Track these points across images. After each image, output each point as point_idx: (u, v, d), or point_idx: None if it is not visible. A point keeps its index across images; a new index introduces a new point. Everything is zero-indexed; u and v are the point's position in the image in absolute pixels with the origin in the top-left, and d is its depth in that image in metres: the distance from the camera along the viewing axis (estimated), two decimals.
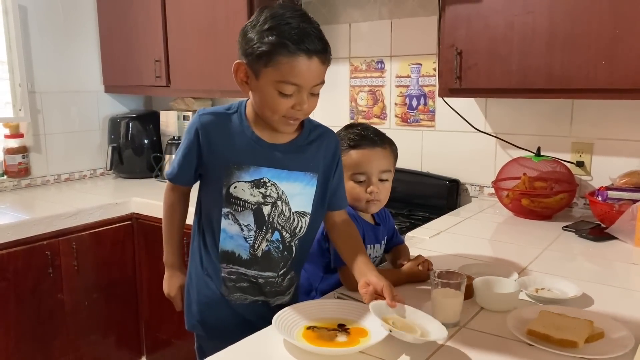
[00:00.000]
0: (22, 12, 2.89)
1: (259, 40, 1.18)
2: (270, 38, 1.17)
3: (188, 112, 3.19)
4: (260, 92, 1.24)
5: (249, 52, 1.21)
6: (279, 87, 1.20)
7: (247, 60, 1.22)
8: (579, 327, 1.14)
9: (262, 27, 1.19)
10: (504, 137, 2.38)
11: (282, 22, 1.18)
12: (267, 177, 1.31)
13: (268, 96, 1.22)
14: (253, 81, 1.24)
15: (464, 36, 2.04)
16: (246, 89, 1.27)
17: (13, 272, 2.30)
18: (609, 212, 1.90)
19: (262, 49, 1.18)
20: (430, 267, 1.50)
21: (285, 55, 1.17)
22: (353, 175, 1.48)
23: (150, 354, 2.86)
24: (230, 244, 1.34)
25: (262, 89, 1.23)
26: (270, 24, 1.18)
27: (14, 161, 2.90)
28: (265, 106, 1.25)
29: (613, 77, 1.78)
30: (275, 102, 1.22)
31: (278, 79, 1.19)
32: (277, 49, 1.17)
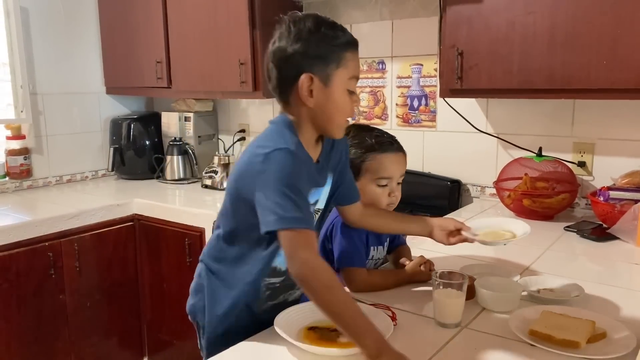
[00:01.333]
0: (23, 14, 2.89)
1: (324, 46, 1.19)
2: (334, 41, 1.19)
3: (189, 113, 3.19)
4: (331, 98, 1.22)
5: (315, 61, 1.19)
6: (349, 85, 1.22)
7: (314, 70, 1.19)
8: (581, 328, 1.14)
9: (317, 34, 1.19)
10: (506, 138, 2.38)
11: (328, 23, 1.20)
12: (320, 197, 1.32)
13: (340, 99, 1.22)
14: (320, 91, 1.20)
15: (465, 36, 2.04)
16: (311, 102, 1.22)
17: (15, 274, 2.31)
18: (611, 212, 1.90)
19: (331, 52, 1.19)
20: (432, 268, 1.50)
21: (350, 51, 1.21)
22: (377, 180, 1.47)
23: (152, 354, 2.86)
24: (277, 260, 1.31)
25: (333, 94, 1.21)
26: (324, 30, 1.19)
27: (15, 162, 2.90)
28: (336, 112, 1.24)
29: (614, 77, 1.78)
30: (346, 103, 1.23)
31: (349, 76, 1.22)
32: (342, 48, 1.20)
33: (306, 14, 1.23)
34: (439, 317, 1.25)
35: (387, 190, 1.49)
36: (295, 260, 1.10)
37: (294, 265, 1.10)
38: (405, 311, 1.32)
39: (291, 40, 1.19)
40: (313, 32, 1.19)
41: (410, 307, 1.34)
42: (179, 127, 3.21)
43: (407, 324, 1.25)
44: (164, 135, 3.31)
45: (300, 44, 1.19)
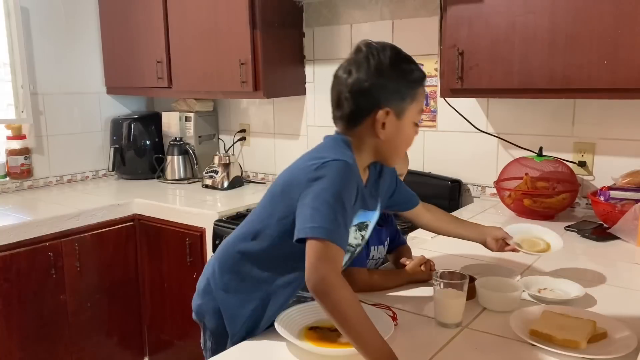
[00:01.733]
0: (24, 14, 2.89)
1: (403, 81, 1.22)
2: (413, 76, 1.23)
3: (190, 113, 3.19)
4: (402, 131, 1.25)
5: (393, 96, 1.21)
6: (417, 117, 1.27)
7: (392, 105, 1.21)
8: (582, 328, 1.14)
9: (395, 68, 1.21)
10: (506, 137, 2.38)
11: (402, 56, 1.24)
12: (369, 220, 1.32)
13: (409, 131, 1.26)
14: (393, 124, 1.22)
15: (466, 36, 2.04)
16: (382, 135, 1.23)
17: (16, 273, 2.31)
18: (612, 212, 1.90)
19: (408, 88, 1.22)
20: (433, 268, 1.50)
21: (423, 86, 1.26)
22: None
23: (152, 354, 2.86)
24: None
25: (404, 127, 1.24)
26: (405, 64, 1.23)
27: (16, 162, 2.90)
28: (402, 144, 1.29)
29: (615, 76, 1.78)
30: (412, 134, 1.28)
31: (418, 110, 1.26)
32: (420, 83, 1.24)
33: (383, 44, 1.24)
34: (439, 317, 1.25)
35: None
36: (314, 272, 1.07)
37: (311, 278, 1.07)
38: (405, 311, 1.32)
39: (370, 73, 1.20)
40: (392, 67, 1.21)
41: (410, 307, 1.35)
42: (180, 127, 3.22)
43: (407, 324, 1.25)
44: (164, 135, 3.31)
45: (379, 77, 1.20)
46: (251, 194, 2.87)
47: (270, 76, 2.65)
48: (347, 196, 1.15)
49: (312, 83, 2.90)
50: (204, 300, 1.37)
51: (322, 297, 1.06)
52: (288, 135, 3.01)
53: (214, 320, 1.34)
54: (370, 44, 1.24)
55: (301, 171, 1.20)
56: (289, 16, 2.78)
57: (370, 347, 1.03)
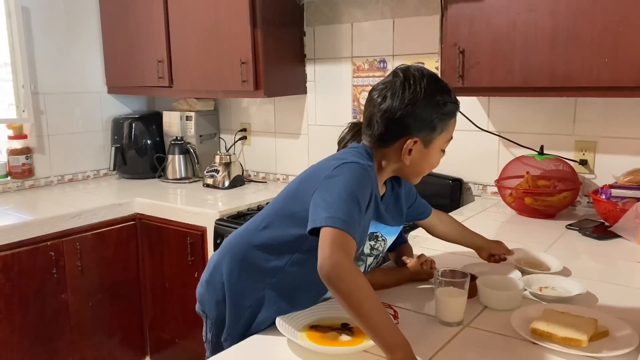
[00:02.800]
0: (24, 14, 2.89)
1: (436, 114, 1.23)
2: (447, 108, 1.24)
3: (191, 113, 3.20)
4: (426, 157, 1.29)
5: (424, 127, 1.24)
6: (445, 146, 1.30)
7: (420, 135, 1.24)
8: (583, 326, 1.14)
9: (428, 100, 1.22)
10: (507, 136, 2.38)
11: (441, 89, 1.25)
12: (381, 232, 1.35)
13: (434, 159, 1.31)
14: (420, 151, 1.26)
15: (467, 35, 2.04)
16: (407, 161, 1.27)
17: (17, 273, 2.31)
18: (613, 211, 1.90)
19: (440, 121, 1.24)
20: (433, 266, 1.50)
21: (453, 117, 1.28)
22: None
23: (154, 354, 2.87)
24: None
25: (430, 155, 1.29)
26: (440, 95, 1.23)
27: (17, 162, 2.90)
28: (427, 168, 1.32)
29: (616, 75, 1.77)
30: (437, 161, 1.32)
31: (446, 140, 1.29)
32: (452, 116, 1.27)
33: (422, 72, 1.25)
34: (440, 316, 1.25)
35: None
36: (329, 258, 1.05)
37: (325, 263, 1.05)
38: (407, 310, 1.32)
39: (404, 103, 1.22)
40: (427, 98, 1.22)
41: (412, 306, 1.35)
42: (181, 126, 3.22)
43: (409, 323, 1.25)
44: (165, 134, 3.31)
45: (412, 107, 1.22)
46: (252, 193, 2.87)
47: (271, 75, 2.65)
48: (362, 196, 1.16)
49: (313, 82, 2.90)
50: (207, 290, 1.39)
51: (337, 282, 1.04)
52: (289, 134, 3.01)
53: (215, 311, 1.36)
54: (408, 70, 1.25)
55: (321, 170, 1.23)
56: (290, 15, 2.78)
57: (386, 333, 1.02)
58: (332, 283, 1.04)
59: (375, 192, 1.25)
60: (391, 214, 1.37)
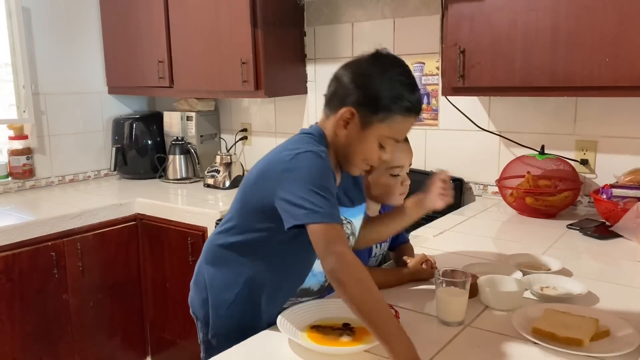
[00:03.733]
0: (25, 14, 2.90)
1: (382, 95, 1.19)
2: (394, 97, 1.19)
3: (191, 113, 3.20)
4: (361, 141, 1.24)
5: (365, 103, 1.20)
6: (384, 141, 1.24)
7: (359, 110, 1.21)
8: (585, 325, 1.14)
9: (382, 81, 1.20)
10: (508, 136, 2.37)
11: (403, 81, 1.21)
12: (345, 216, 1.32)
13: (368, 147, 1.24)
14: (355, 128, 1.23)
15: (467, 35, 2.03)
16: (342, 133, 1.25)
17: (18, 273, 2.31)
18: (614, 210, 1.89)
19: (383, 105, 1.19)
20: (434, 266, 1.50)
21: (403, 114, 1.21)
22: (391, 169, 1.47)
23: (155, 354, 2.87)
24: (311, 280, 1.34)
25: (364, 139, 1.24)
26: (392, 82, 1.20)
27: (18, 162, 2.91)
28: (359, 153, 1.26)
29: (617, 74, 1.77)
30: (372, 152, 1.25)
31: (387, 135, 1.23)
32: (398, 109, 1.20)
33: (401, 62, 1.24)
34: (441, 316, 1.25)
35: (399, 179, 1.49)
36: (330, 254, 1.06)
37: (329, 260, 1.06)
38: (408, 309, 1.32)
39: (362, 72, 1.22)
40: (386, 79, 1.20)
41: (412, 306, 1.35)
42: (181, 126, 3.22)
43: (410, 323, 1.24)
44: (166, 134, 3.31)
45: (365, 78, 1.21)
46: None
47: (271, 75, 2.65)
48: (327, 181, 1.16)
49: (314, 82, 2.89)
50: (193, 291, 1.43)
51: (341, 275, 1.05)
52: (289, 134, 2.97)
53: (202, 310, 1.39)
54: (388, 54, 1.25)
55: (275, 162, 1.21)
56: (290, 15, 2.78)
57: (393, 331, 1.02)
58: (337, 276, 1.05)
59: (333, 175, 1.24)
60: (351, 194, 1.35)
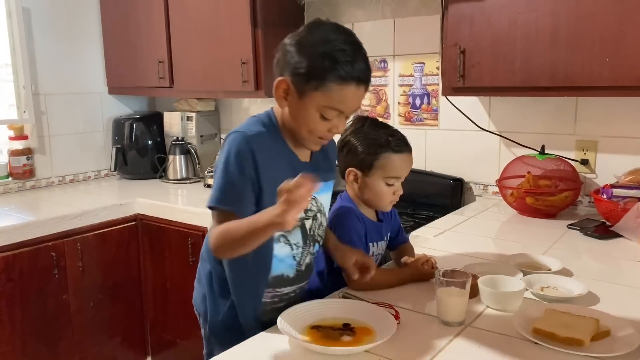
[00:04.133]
0: (25, 14, 2.90)
1: (312, 63, 1.16)
2: (325, 63, 1.15)
3: (192, 113, 3.20)
4: (301, 112, 1.22)
5: (297, 72, 1.18)
6: (324, 111, 1.19)
7: (293, 79, 1.19)
8: (585, 326, 1.14)
9: (315, 49, 1.16)
10: (508, 136, 2.37)
11: (337, 47, 1.15)
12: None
13: (309, 117, 1.21)
14: (294, 99, 1.21)
15: (467, 35, 2.03)
16: (283, 105, 1.24)
17: (19, 273, 2.31)
18: (614, 210, 1.89)
19: (314, 72, 1.16)
20: (434, 266, 1.50)
21: (337, 82, 1.16)
22: (388, 179, 1.47)
23: (155, 354, 2.87)
24: (280, 267, 1.33)
25: (304, 109, 1.21)
26: (325, 49, 1.15)
27: (18, 163, 2.91)
28: (302, 125, 1.24)
29: (617, 74, 1.77)
30: (314, 123, 1.21)
31: (325, 104, 1.18)
32: (330, 76, 1.15)
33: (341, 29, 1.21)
34: (442, 316, 1.24)
35: (392, 189, 1.49)
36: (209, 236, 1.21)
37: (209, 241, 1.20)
38: (408, 310, 1.32)
39: (297, 40, 1.19)
40: (306, 45, 1.18)
41: (413, 306, 1.34)
42: (181, 126, 3.22)
43: (410, 323, 1.25)
44: (166, 135, 3.31)
45: (298, 46, 1.18)
46: None
47: (271, 75, 2.57)
48: (239, 164, 1.19)
49: None
50: (196, 288, 1.48)
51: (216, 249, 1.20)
52: None
53: (203, 306, 1.43)
54: (329, 22, 1.22)
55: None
56: (290, 15, 2.78)
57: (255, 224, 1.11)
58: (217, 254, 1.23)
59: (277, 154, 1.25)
60: (320, 171, 1.31)
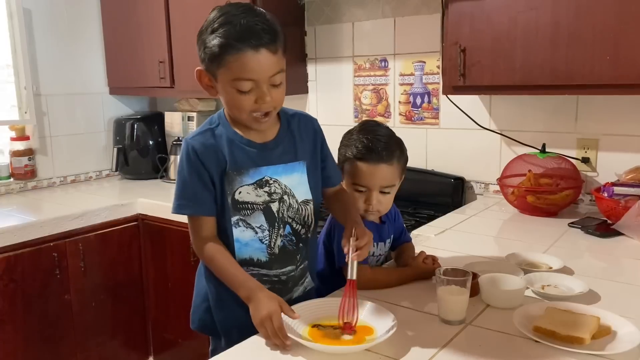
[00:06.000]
0: (26, 15, 2.90)
1: (207, 44, 1.20)
2: (215, 41, 1.18)
3: (192, 113, 3.20)
4: (223, 94, 1.26)
5: (202, 57, 1.23)
6: (236, 85, 1.21)
7: (204, 66, 1.24)
8: (586, 324, 1.14)
9: (204, 31, 1.21)
10: (509, 134, 2.37)
11: (225, 21, 1.18)
12: (268, 176, 1.33)
13: (229, 96, 1.24)
14: (215, 86, 1.26)
15: (468, 33, 2.03)
16: (214, 93, 1.28)
17: (20, 274, 2.32)
18: (615, 208, 1.89)
19: (210, 52, 1.20)
20: (436, 262, 1.50)
21: (231, 54, 1.18)
22: (354, 185, 1.48)
23: (157, 354, 2.87)
24: (247, 251, 1.34)
25: (223, 91, 1.25)
26: (214, 26, 1.19)
27: (20, 163, 2.91)
28: (232, 107, 1.27)
29: (618, 72, 1.77)
30: (237, 100, 1.23)
31: (232, 78, 1.20)
32: (223, 50, 1.18)
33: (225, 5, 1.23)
34: (442, 314, 1.25)
35: (363, 196, 1.48)
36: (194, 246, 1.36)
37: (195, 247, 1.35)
38: (409, 308, 1.32)
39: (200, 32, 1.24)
40: (203, 31, 1.22)
41: (413, 304, 1.35)
42: (182, 126, 3.22)
43: (411, 321, 1.25)
44: (167, 134, 3.31)
45: (198, 37, 1.24)
46: None
47: None
48: (190, 169, 1.30)
49: (314, 81, 2.90)
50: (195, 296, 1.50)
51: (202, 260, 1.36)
52: None
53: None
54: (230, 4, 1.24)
55: None
56: (291, 15, 2.78)
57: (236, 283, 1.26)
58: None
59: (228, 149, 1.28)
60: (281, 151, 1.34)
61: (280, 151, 1.35)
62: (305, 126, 1.42)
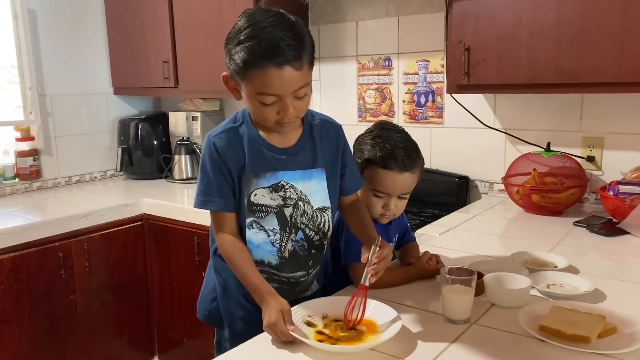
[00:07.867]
0: (31, 16, 2.91)
1: (232, 56, 1.19)
2: (240, 55, 1.17)
3: (197, 113, 3.21)
4: (247, 102, 1.26)
5: (228, 65, 1.23)
6: (259, 98, 1.21)
7: (229, 72, 1.25)
8: (591, 323, 1.14)
9: (234, 40, 1.20)
10: (514, 133, 2.37)
11: (252, 34, 1.17)
12: (285, 180, 1.33)
13: (254, 106, 1.24)
14: (243, 92, 1.25)
15: (472, 32, 2.03)
16: (237, 96, 1.28)
17: (26, 274, 2.33)
18: (621, 207, 1.88)
19: (235, 64, 1.19)
20: (440, 261, 1.49)
21: (255, 69, 1.17)
22: (374, 191, 1.47)
23: (162, 353, 2.88)
24: (258, 253, 1.35)
25: (247, 99, 1.25)
26: (240, 37, 1.18)
27: (25, 164, 2.92)
28: (254, 113, 1.28)
29: (623, 70, 1.76)
30: (260, 111, 1.23)
31: (255, 91, 1.20)
32: (247, 65, 1.17)
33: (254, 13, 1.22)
34: (447, 314, 1.24)
35: (382, 201, 1.48)
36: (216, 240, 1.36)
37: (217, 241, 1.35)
38: (414, 307, 1.32)
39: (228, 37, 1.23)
40: (231, 38, 1.21)
41: (418, 304, 1.34)
42: (187, 126, 3.23)
43: (415, 321, 1.25)
44: (171, 135, 3.32)
45: (226, 43, 1.23)
46: None
47: None
48: (213, 166, 1.30)
49: (318, 81, 2.89)
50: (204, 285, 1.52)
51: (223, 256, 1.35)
52: None
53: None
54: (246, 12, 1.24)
55: None
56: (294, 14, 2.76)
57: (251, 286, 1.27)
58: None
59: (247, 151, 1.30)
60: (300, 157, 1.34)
61: (300, 157, 1.34)
62: (328, 133, 1.40)
